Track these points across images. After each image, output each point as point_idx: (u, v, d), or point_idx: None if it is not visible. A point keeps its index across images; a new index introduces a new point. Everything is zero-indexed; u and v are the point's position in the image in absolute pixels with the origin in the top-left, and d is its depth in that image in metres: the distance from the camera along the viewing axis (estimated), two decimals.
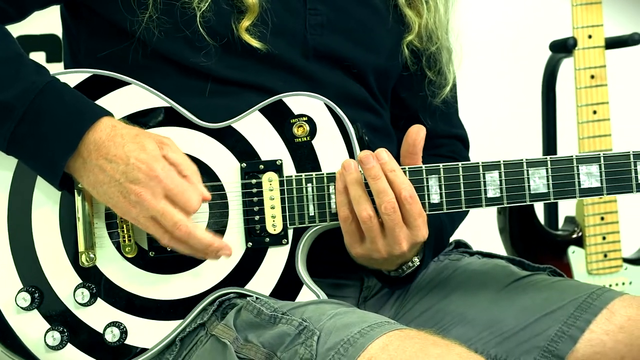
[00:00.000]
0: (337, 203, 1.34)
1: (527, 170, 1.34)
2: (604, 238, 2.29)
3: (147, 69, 1.42)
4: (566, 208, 2.40)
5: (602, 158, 1.33)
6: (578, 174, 1.33)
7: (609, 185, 1.33)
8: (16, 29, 1.44)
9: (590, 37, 2.28)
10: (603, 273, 2.29)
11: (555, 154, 2.41)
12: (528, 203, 1.33)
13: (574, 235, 2.30)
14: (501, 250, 2.29)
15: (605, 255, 2.29)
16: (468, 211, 1.59)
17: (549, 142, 2.42)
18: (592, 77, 2.28)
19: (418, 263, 1.43)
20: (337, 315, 1.26)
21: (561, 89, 2.43)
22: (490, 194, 1.34)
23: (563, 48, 2.30)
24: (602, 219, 2.28)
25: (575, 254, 2.29)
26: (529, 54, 2.79)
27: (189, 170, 1.32)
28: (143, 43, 1.41)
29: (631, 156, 1.34)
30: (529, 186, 1.34)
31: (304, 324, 1.25)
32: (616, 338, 1.39)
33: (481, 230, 2.31)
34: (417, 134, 1.36)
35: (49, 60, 2.49)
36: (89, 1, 1.44)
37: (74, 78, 1.39)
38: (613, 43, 2.32)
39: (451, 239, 1.63)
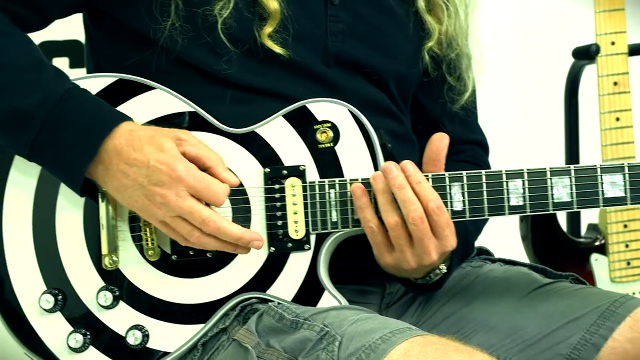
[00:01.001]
0: (361, 219, 1.35)
1: (551, 179, 1.34)
2: (627, 246, 2.27)
3: (170, 76, 1.42)
4: (589, 215, 2.39)
5: (626, 168, 1.33)
6: (602, 183, 1.33)
7: (633, 195, 1.33)
8: (40, 35, 1.45)
9: (613, 43, 2.27)
10: (626, 281, 2.28)
11: (578, 161, 2.40)
12: (551, 212, 1.33)
13: (597, 243, 2.29)
14: (523, 258, 2.28)
15: (629, 263, 2.28)
16: (484, 222, 1.60)
17: (572, 149, 2.41)
18: (615, 83, 2.27)
19: (445, 270, 1.43)
20: (359, 321, 1.27)
21: (584, 95, 2.42)
22: (513, 202, 1.34)
23: (586, 55, 2.29)
24: (626, 226, 2.27)
25: (598, 262, 2.28)
26: (551, 61, 2.78)
27: (211, 160, 1.32)
28: (166, 50, 1.41)
29: None
30: (552, 195, 1.34)
31: (326, 330, 1.25)
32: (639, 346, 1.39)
33: (503, 237, 2.31)
34: (440, 141, 1.36)
35: (72, 66, 2.49)
36: (111, 9, 1.45)
37: (99, 82, 1.40)
38: (636, 50, 2.31)
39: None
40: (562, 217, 2.40)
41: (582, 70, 2.40)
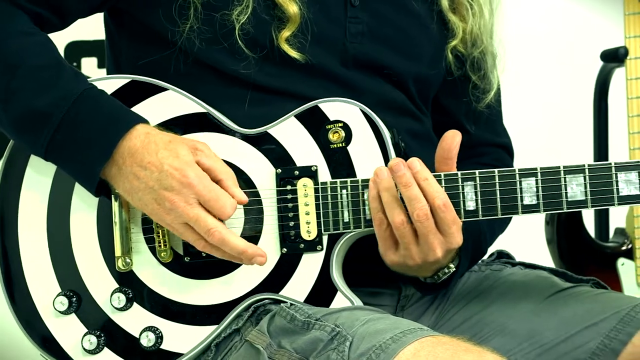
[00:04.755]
0: (371, 210, 1.34)
1: (565, 178, 1.32)
2: None
3: (189, 77, 1.43)
4: (618, 219, 2.36)
5: None
6: (617, 181, 1.31)
7: None
8: (68, 35, 1.47)
9: None
10: None
11: None
12: (565, 211, 1.31)
13: (624, 247, 2.26)
14: (549, 262, 2.26)
15: None
16: (509, 221, 1.59)
17: (600, 152, 2.39)
18: None
19: (454, 269, 1.42)
20: (370, 321, 1.26)
21: (614, 98, 2.39)
22: (526, 201, 1.33)
23: (614, 57, 2.27)
24: None
25: (624, 266, 2.24)
26: (581, 64, 2.76)
27: (223, 174, 1.32)
28: (185, 52, 1.42)
29: None
30: (566, 193, 1.32)
31: (337, 330, 1.25)
32: None
33: (529, 240, 2.29)
34: (452, 139, 1.35)
35: (100, 66, 2.52)
36: (131, 10, 1.46)
37: (113, 84, 1.41)
38: None
39: (493, 249, 1.61)
40: (590, 221, 2.37)
41: (611, 73, 2.38)
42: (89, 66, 2.52)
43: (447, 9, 1.54)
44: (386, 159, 1.36)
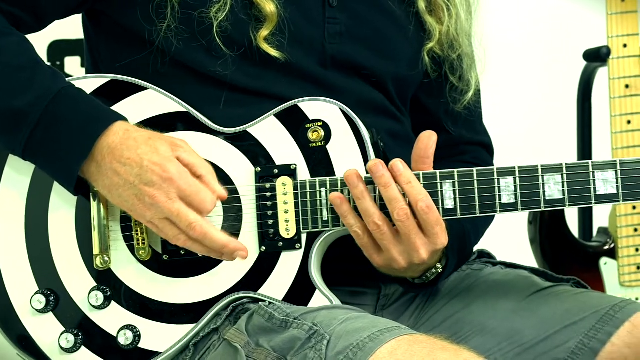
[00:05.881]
0: (346, 225, 1.34)
1: (543, 176, 1.32)
2: (637, 250, 2.24)
3: (167, 77, 1.42)
4: (602, 219, 2.36)
5: (618, 164, 1.31)
6: (594, 180, 1.31)
7: (625, 192, 1.31)
8: (51, 34, 1.46)
9: (625, 46, 2.25)
10: (636, 285, 2.25)
11: None
12: (543, 209, 1.31)
13: (606, 247, 2.26)
14: (532, 261, 2.26)
15: (639, 267, 2.25)
16: (491, 220, 1.59)
17: (584, 152, 2.39)
18: (627, 86, 2.24)
19: (441, 269, 1.42)
20: (348, 320, 1.26)
21: (597, 98, 2.40)
22: (504, 200, 1.33)
23: (596, 57, 2.27)
24: (636, 230, 2.24)
25: (607, 266, 2.25)
26: (565, 63, 2.76)
27: (203, 169, 1.32)
28: (162, 52, 1.42)
29: None
30: (544, 192, 1.32)
31: (315, 329, 1.25)
32: (637, 351, 1.37)
33: (512, 240, 2.29)
34: (429, 139, 1.35)
35: (84, 65, 2.51)
36: (108, 11, 1.45)
37: (92, 83, 1.41)
38: None
39: (475, 248, 1.61)
40: (574, 221, 2.38)
41: (595, 73, 2.38)
42: (73, 65, 2.52)
43: (424, 11, 1.54)
44: (365, 159, 1.36)
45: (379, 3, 1.51)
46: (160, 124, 1.39)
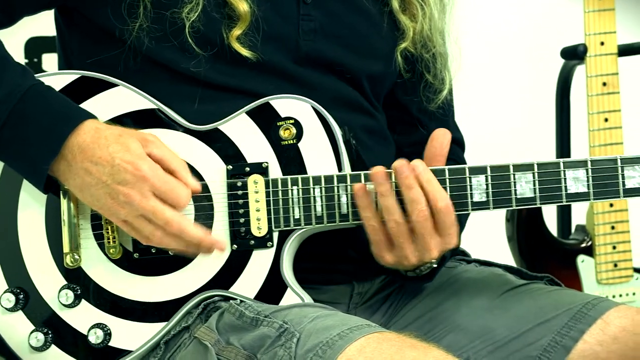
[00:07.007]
0: (363, 218, 1.34)
1: (514, 175, 1.32)
2: (614, 247, 2.25)
3: (139, 74, 1.41)
4: (580, 216, 2.37)
5: (589, 163, 1.31)
6: (565, 179, 1.32)
7: (596, 191, 1.31)
8: (29, 31, 1.45)
9: (602, 44, 2.25)
10: (613, 283, 2.26)
11: None
12: (514, 208, 1.32)
13: (584, 245, 2.27)
14: (509, 259, 2.27)
15: (616, 265, 2.26)
16: (467, 216, 1.59)
17: (563, 149, 2.39)
18: (604, 84, 2.25)
19: (436, 264, 1.43)
20: (319, 317, 1.26)
21: (576, 96, 2.40)
22: (476, 198, 1.33)
23: (574, 55, 2.27)
24: (613, 228, 2.25)
25: (584, 263, 2.25)
26: (543, 61, 2.77)
27: (175, 163, 1.32)
28: (134, 50, 1.41)
29: (618, 161, 1.31)
30: (515, 190, 1.32)
31: (285, 326, 1.25)
32: (609, 349, 1.37)
33: (489, 238, 2.29)
34: (443, 137, 1.36)
35: None
36: (80, 8, 1.44)
37: (62, 80, 1.40)
38: (626, 50, 2.29)
39: None
40: (552, 219, 2.38)
41: (573, 71, 2.38)
42: (50, 62, 2.51)
43: (398, 10, 1.54)
44: (337, 157, 1.36)
45: (353, 1, 1.51)
46: (131, 121, 1.38)
